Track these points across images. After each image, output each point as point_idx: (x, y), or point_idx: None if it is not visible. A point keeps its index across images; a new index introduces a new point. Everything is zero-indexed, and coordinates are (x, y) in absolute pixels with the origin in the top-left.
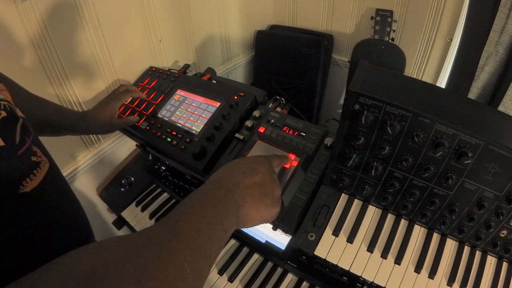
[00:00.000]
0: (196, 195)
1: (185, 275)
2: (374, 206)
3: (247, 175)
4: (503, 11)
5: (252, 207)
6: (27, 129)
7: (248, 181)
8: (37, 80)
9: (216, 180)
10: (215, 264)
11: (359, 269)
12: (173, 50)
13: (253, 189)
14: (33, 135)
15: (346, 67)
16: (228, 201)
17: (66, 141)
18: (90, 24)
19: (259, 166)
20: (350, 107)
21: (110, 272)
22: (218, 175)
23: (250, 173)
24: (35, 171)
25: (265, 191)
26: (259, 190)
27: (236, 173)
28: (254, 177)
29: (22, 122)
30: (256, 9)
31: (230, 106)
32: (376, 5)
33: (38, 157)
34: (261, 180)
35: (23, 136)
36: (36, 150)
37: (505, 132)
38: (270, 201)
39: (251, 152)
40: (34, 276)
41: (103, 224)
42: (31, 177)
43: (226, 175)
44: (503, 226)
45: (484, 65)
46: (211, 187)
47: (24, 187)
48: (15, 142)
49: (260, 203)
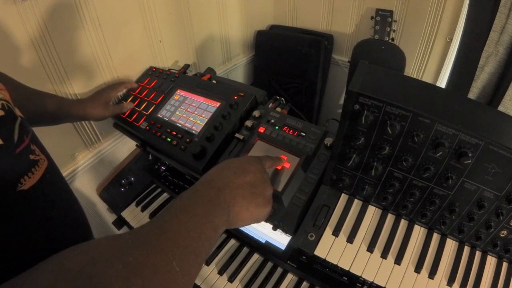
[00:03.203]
0: (187, 195)
1: (174, 273)
2: (374, 206)
3: (239, 175)
4: (503, 11)
5: (243, 206)
6: (25, 128)
7: (239, 181)
8: (37, 80)
9: (207, 180)
10: (215, 264)
11: (359, 269)
12: (173, 50)
13: (244, 189)
14: (31, 133)
15: (346, 67)
16: (219, 200)
17: (66, 141)
18: (90, 24)
19: (250, 166)
20: (350, 107)
21: (99, 270)
22: (210, 175)
23: (242, 173)
24: (33, 169)
25: (256, 191)
26: (250, 190)
27: (227, 173)
28: (245, 177)
29: (21, 121)
30: (256, 9)
31: (230, 106)
32: (376, 5)
33: (37, 155)
34: (252, 180)
35: (22, 134)
36: (34, 148)
37: (505, 132)
38: (261, 201)
39: (251, 152)
40: (25, 275)
41: (103, 224)
42: (29, 175)
43: (217, 175)
44: (503, 226)
45: (484, 65)
46: (202, 187)
47: (22, 185)
48: (13, 140)
49: (251, 203)
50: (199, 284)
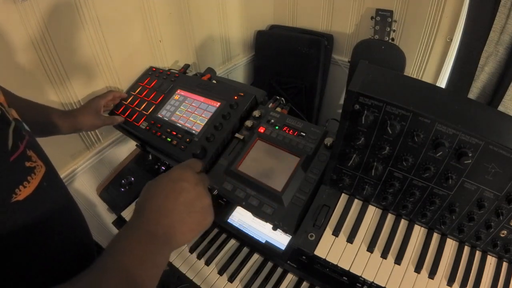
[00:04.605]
0: (125, 234)
1: None
2: (374, 206)
3: (171, 199)
4: (503, 11)
5: (183, 231)
6: (20, 133)
7: (173, 206)
8: (37, 80)
9: (141, 211)
10: (215, 264)
11: (359, 269)
12: (173, 50)
13: (180, 213)
14: (27, 138)
15: (346, 67)
16: (157, 236)
17: (66, 141)
18: (90, 24)
19: (180, 183)
20: (350, 107)
21: None
22: (142, 202)
23: (174, 196)
24: (29, 178)
25: (193, 209)
26: (187, 210)
27: (159, 201)
28: (178, 199)
29: (15, 126)
30: (256, 9)
31: (230, 106)
32: (376, 5)
33: (33, 161)
34: (186, 199)
35: (16, 140)
36: (31, 154)
37: (505, 132)
38: (201, 216)
39: (251, 152)
40: None
41: (103, 224)
42: (24, 185)
43: (149, 203)
44: (503, 226)
45: (484, 65)
46: (137, 222)
47: (17, 196)
48: (7, 147)
49: (191, 224)
50: (199, 284)
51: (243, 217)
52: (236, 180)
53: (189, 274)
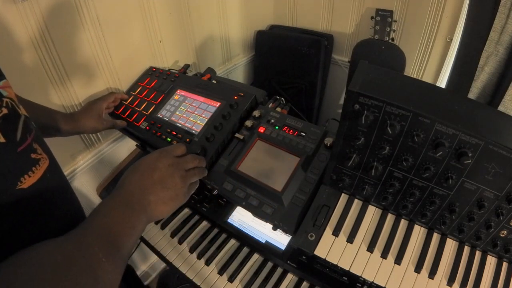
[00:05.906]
0: (106, 201)
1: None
2: (374, 206)
3: (145, 177)
4: (503, 11)
5: (157, 202)
6: (28, 127)
7: (147, 182)
8: (37, 80)
9: (121, 185)
10: (215, 264)
11: (359, 269)
12: (173, 50)
13: (154, 187)
14: (34, 132)
15: (346, 67)
16: (132, 204)
17: (66, 141)
18: (90, 24)
19: (157, 163)
20: (350, 107)
21: None
22: (122, 179)
23: (148, 173)
24: (34, 168)
25: (166, 185)
26: (161, 186)
27: (136, 176)
28: (153, 176)
29: (24, 120)
30: (256, 9)
31: (230, 106)
32: (376, 5)
33: (38, 154)
34: (160, 177)
35: (25, 133)
36: (36, 147)
37: (505, 132)
38: (174, 193)
39: (251, 152)
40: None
41: None
42: (29, 174)
43: (128, 179)
44: (503, 226)
45: (484, 65)
46: (117, 193)
47: (21, 184)
48: (16, 139)
49: (163, 197)
50: (199, 284)
51: (243, 217)
52: (236, 180)
53: (189, 274)
